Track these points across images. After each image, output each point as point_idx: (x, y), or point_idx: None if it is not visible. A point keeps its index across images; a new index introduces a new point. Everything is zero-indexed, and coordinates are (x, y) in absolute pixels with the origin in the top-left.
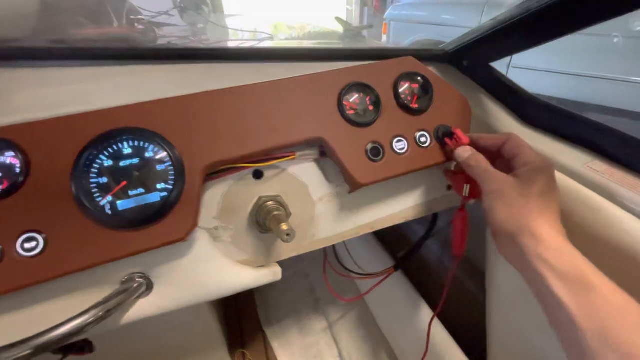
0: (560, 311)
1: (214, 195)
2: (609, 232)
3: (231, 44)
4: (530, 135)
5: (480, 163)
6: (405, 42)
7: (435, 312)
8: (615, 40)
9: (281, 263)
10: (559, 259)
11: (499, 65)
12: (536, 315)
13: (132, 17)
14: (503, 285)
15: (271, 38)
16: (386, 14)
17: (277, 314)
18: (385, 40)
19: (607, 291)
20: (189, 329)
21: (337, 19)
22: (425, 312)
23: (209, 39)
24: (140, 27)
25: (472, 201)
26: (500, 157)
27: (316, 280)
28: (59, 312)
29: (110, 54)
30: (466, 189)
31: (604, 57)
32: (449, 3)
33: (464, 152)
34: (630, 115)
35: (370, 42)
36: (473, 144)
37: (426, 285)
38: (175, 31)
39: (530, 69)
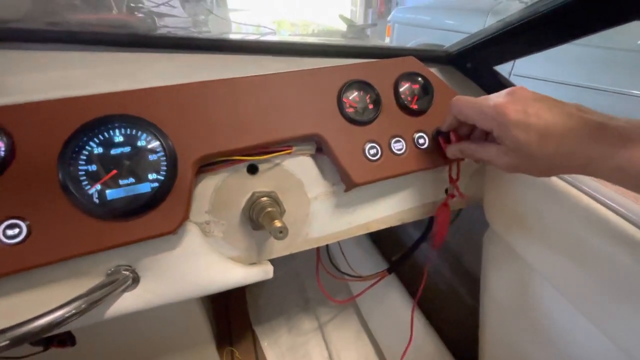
0: None
1: (207, 189)
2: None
3: (232, 37)
4: None
5: (475, 154)
6: (408, 45)
7: (416, 299)
8: (617, 52)
9: (272, 262)
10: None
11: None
12: (529, 323)
13: (132, 4)
14: (497, 293)
15: (274, 33)
16: (390, 16)
17: (267, 313)
18: (388, 43)
19: None
20: (176, 324)
21: (341, 16)
22: (418, 316)
23: (210, 31)
24: (141, 15)
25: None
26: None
27: (307, 280)
28: (40, 303)
29: (107, 40)
30: (451, 187)
31: (604, 69)
32: (453, 8)
33: (454, 153)
34: None
35: (374, 41)
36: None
37: (418, 289)
38: (176, 22)
39: (532, 78)
